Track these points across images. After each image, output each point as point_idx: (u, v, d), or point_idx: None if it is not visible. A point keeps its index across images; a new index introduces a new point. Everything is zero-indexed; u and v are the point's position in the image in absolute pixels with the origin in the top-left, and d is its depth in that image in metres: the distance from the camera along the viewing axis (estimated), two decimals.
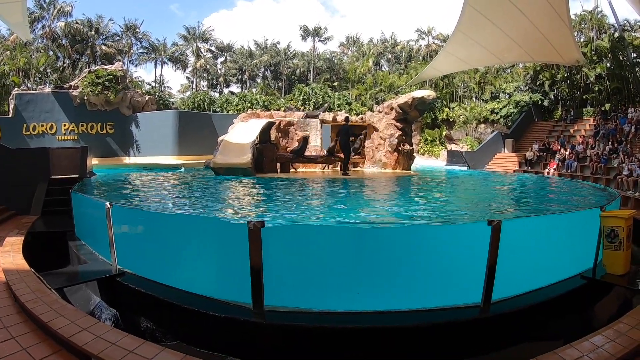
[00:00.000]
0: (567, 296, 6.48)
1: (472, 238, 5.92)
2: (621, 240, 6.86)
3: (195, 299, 5.82)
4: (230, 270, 6.01)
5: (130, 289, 6.38)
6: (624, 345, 4.47)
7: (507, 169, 33.20)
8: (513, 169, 33.07)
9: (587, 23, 44.93)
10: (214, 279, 6.26)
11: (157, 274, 6.48)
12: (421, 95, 22.45)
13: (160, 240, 6.75)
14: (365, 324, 5.30)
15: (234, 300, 5.68)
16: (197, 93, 58.10)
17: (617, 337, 4.64)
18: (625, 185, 19.76)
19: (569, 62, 37.62)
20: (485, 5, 31.77)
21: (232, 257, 5.90)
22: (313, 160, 21.19)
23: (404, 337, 5.36)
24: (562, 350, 4.31)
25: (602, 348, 4.38)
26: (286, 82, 70.39)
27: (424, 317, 5.50)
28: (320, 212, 10.10)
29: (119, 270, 6.82)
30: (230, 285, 5.91)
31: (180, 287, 6.13)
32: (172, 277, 6.32)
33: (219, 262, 6.25)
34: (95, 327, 4.77)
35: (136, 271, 6.78)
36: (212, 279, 6.27)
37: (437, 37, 67.81)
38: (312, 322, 5.31)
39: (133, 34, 65.09)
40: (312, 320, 5.37)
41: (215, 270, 6.32)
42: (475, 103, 52.09)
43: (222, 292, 5.85)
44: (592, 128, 33.57)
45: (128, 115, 36.88)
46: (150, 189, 14.39)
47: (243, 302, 5.55)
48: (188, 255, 6.45)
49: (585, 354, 4.25)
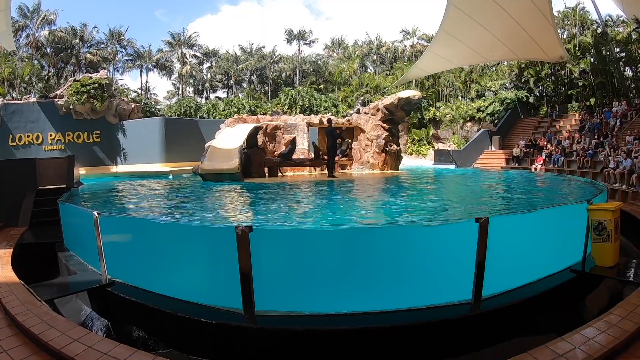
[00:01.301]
0: (557, 290, 6.53)
1: (460, 236, 5.94)
2: (609, 232, 6.93)
3: (187, 305, 5.81)
4: (220, 276, 6.00)
5: (121, 298, 6.35)
6: (615, 336, 4.50)
7: (494, 166, 33.41)
8: (500, 165, 33.29)
9: (570, 19, 45.35)
10: (204, 285, 6.25)
11: (147, 282, 6.45)
12: (407, 95, 22.52)
13: (149, 248, 6.72)
14: (357, 325, 5.29)
15: (225, 306, 5.68)
16: (183, 99, 57.90)
17: (608, 328, 4.67)
18: (612, 178, 19.91)
19: (553, 58, 37.98)
20: (469, 5, 31.97)
21: (222, 263, 5.89)
22: (300, 163, 21.19)
23: (396, 337, 5.37)
24: (554, 343, 4.34)
25: (593, 340, 4.41)
26: (272, 86, 70.30)
27: (416, 316, 5.52)
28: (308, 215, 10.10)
29: (109, 280, 6.77)
30: (220, 291, 5.91)
31: (170, 295, 6.11)
32: (163, 285, 6.30)
33: (209, 268, 6.23)
34: (87, 338, 4.75)
35: (126, 280, 6.74)
36: (202, 285, 6.26)
37: (421, 37, 68.06)
38: (304, 325, 5.32)
39: (118, 41, 64.64)
40: (304, 323, 5.38)
41: (205, 277, 6.31)
42: (461, 102, 52.27)
43: (213, 298, 5.85)
44: (577, 123, 33.83)
45: (114, 123, 36.69)
46: (139, 197, 14.32)
47: (234, 308, 5.54)
48: (177, 262, 6.43)
49: (576, 347, 4.28)
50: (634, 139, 22.73)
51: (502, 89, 48.17)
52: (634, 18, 33.54)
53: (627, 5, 33.55)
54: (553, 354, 4.14)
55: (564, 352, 4.17)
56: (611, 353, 4.30)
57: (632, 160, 19.40)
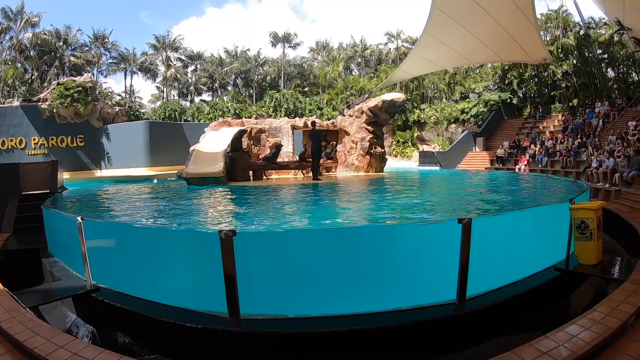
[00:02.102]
0: (542, 288, 6.58)
1: (444, 236, 5.96)
2: (592, 231, 7.02)
3: (172, 310, 5.76)
4: (205, 280, 5.97)
5: (106, 304, 6.29)
6: (599, 333, 4.53)
7: (479, 167, 33.60)
8: (485, 166, 33.48)
9: (553, 22, 45.74)
10: (189, 290, 6.21)
11: (132, 288, 6.39)
12: (391, 98, 22.59)
13: (133, 253, 6.66)
14: (343, 327, 5.29)
15: (210, 310, 5.65)
16: (167, 102, 57.71)
17: (592, 325, 4.70)
18: (595, 178, 20.13)
19: (536, 60, 38.34)
20: (453, 8, 32.21)
21: (206, 267, 5.86)
22: (285, 166, 21.17)
23: (381, 338, 5.38)
24: (538, 341, 4.36)
25: (577, 337, 4.44)
26: (257, 89, 70.18)
27: (401, 317, 5.52)
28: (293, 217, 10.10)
29: (94, 286, 6.69)
30: (205, 295, 5.87)
31: (156, 300, 6.06)
32: (148, 290, 6.24)
33: (194, 272, 6.21)
34: (72, 344, 4.71)
35: (111, 286, 6.67)
36: (187, 290, 6.22)
37: (406, 40, 68.41)
38: (289, 328, 5.31)
39: (102, 44, 64.19)
40: (290, 326, 5.37)
41: (190, 281, 6.28)
42: (445, 104, 52.57)
43: (198, 303, 5.81)
44: (560, 124, 34.13)
45: (98, 127, 36.28)
46: (123, 201, 14.22)
47: (219, 312, 5.52)
48: (162, 267, 6.38)
49: (560, 344, 4.30)
50: (617, 139, 22.95)
51: (485, 90, 48.56)
52: (616, 20, 33.90)
53: (609, 8, 33.95)
54: (537, 352, 4.16)
55: (548, 350, 4.19)
56: (595, 350, 4.33)
57: (614, 159, 19.64)
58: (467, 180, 20.71)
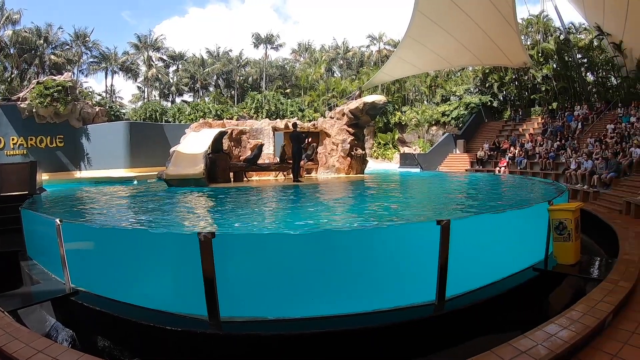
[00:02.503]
0: (521, 288, 6.65)
1: (423, 238, 6.00)
2: (570, 231, 7.12)
3: (152, 313, 5.73)
4: (185, 283, 5.94)
5: (85, 307, 6.21)
6: (578, 331, 4.57)
7: (459, 168, 33.80)
8: (465, 168, 33.71)
9: (533, 27, 46.22)
10: (169, 293, 6.17)
11: (111, 291, 6.34)
12: (372, 100, 22.61)
13: (112, 256, 6.60)
14: (323, 328, 5.30)
15: (190, 313, 5.63)
16: (148, 103, 57.29)
17: (570, 324, 4.74)
18: (574, 179, 20.38)
19: (516, 64, 38.81)
20: (435, 12, 32.48)
21: (186, 270, 5.83)
22: (266, 168, 21.06)
23: (361, 339, 5.39)
24: (517, 340, 4.38)
25: (555, 336, 4.47)
26: (239, 90, 69.87)
27: (381, 318, 5.55)
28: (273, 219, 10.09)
29: (73, 289, 6.59)
30: (185, 297, 5.85)
31: (135, 303, 6.01)
32: (127, 293, 6.19)
33: (173, 275, 6.17)
34: (51, 349, 4.64)
35: (90, 289, 6.59)
36: (167, 292, 6.18)
37: (388, 42, 68.60)
38: (270, 330, 5.30)
39: (83, 43, 63.17)
40: (270, 328, 5.37)
41: (169, 284, 6.23)
42: (426, 106, 52.71)
43: (178, 305, 5.79)
44: (540, 126, 34.47)
45: (78, 127, 35.81)
46: (103, 203, 14.07)
47: (199, 315, 5.49)
48: (141, 269, 6.33)
49: (539, 343, 4.32)
50: (595, 142, 23.27)
51: (466, 93, 48.81)
52: (595, 26, 34.37)
53: (589, 13, 34.44)
54: (516, 351, 4.17)
55: (527, 349, 4.21)
56: (573, 348, 4.36)
57: (593, 161, 19.89)
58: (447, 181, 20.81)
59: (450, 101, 49.97)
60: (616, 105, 30.96)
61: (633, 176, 17.45)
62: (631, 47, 32.56)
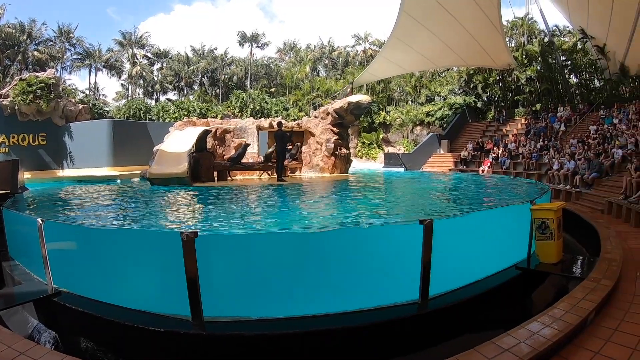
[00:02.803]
0: (504, 287, 6.69)
1: (406, 237, 6.02)
2: (552, 231, 7.19)
3: (135, 314, 5.67)
4: (168, 283, 5.90)
5: (68, 308, 6.13)
6: (560, 329, 4.60)
7: (443, 168, 33.88)
8: (449, 168, 33.79)
9: (518, 29, 46.61)
10: (152, 293, 6.11)
11: (94, 291, 6.27)
12: (356, 99, 22.63)
13: (95, 255, 6.52)
14: (307, 328, 5.30)
15: (174, 314, 5.59)
16: (132, 101, 56.68)
17: (552, 322, 4.77)
18: (556, 179, 20.54)
19: (501, 65, 39.14)
20: (421, 12, 32.63)
21: (169, 270, 5.79)
22: (250, 167, 20.99)
23: (345, 338, 5.39)
24: (500, 338, 4.39)
25: (538, 334, 4.49)
26: (223, 88, 69.61)
27: (364, 318, 5.55)
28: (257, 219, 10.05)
29: (55, 290, 6.50)
30: (168, 298, 5.82)
31: (118, 304, 5.95)
32: (110, 294, 6.13)
33: (156, 275, 6.11)
34: (34, 351, 4.58)
35: (73, 290, 6.50)
36: (150, 293, 6.12)
37: (373, 42, 68.86)
38: (253, 330, 5.28)
39: (67, 39, 62.54)
40: (253, 328, 5.34)
41: (152, 284, 6.17)
42: (411, 106, 52.88)
43: (161, 306, 5.74)
44: (523, 127, 34.71)
45: (61, 125, 35.38)
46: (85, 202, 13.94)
47: (182, 315, 5.46)
48: (123, 270, 6.27)
49: (522, 341, 4.34)
50: (578, 142, 23.50)
51: (451, 94, 49.04)
52: (579, 29, 34.73)
53: (573, 17, 34.81)
54: (499, 349, 4.18)
55: (510, 347, 4.22)
56: (556, 346, 4.39)
57: (575, 162, 20.09)
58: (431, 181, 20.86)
59: (434, 101, 50.21)
60: (599, 107, 31.28)
61: (615, 176, 17.63)
62: (614, 50, 32.92)
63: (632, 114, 24.70)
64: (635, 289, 6.26)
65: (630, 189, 13.86)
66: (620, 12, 28.41)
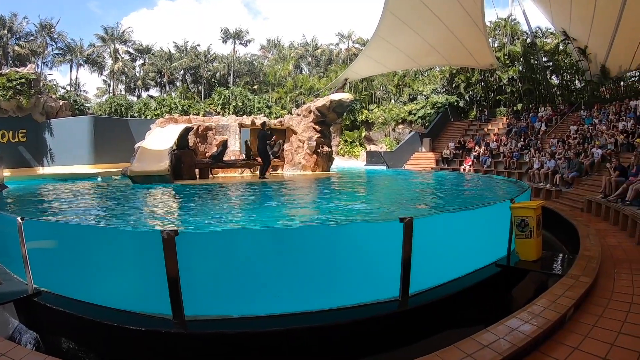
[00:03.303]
0: (484, 284, 6.74)
1: (387, 235, 6.04)
2: (531, 229, 7.29)
3: (117, 314, 5.62)
4: (149, 282, 5.85)
5: (49, 308, 6.04)
6: (539, 325, 4.64)
7: (425, 166, 34.03)
8: (431, 166, 33.93)
9: (501, 30, 46.88)
10: (133, 292, 6.06)
11: (75, 291, 6.19)
12: (339, 98, 22.70)
13: (75, 254, 6.44)
14: (287, 325, 5.30)
15: (155, 312, 5.56)
16: (114, 97, 56.15)
17: (532, 318, 4.81)
18: (537, 178, 20.71)
19: (483, 66, 39.45)
20: (404, 12, 32.76)
21: (149, 268, 5.74)
22: (232, 165, 20.94)
23: (326, 336, 5.40)
24: (479, 335, 4.42)
25: (517, 330, 4.52)
26: (206, 85, 69.18)
27: (345, 315, 5.57)
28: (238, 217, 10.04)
29: (36, 290, 6.40)
30: (150, 297, 5.77)
31: (100, 303, 5.89)
32: (91, 293, 6.07)
33: (137, 273, 6.07)
34: (15, 352, 4.52)
35: (54, 289, 6.41)
36: (131, 291, 6.07)
37: (357, 41, 68.98)
38: (235, 328, 5.27)
39: (48, 34, 61.48)
40: (235, 326, 5.33)
41: (133, 283, 6.12)
42: (393, 105, 53.00)
43: (142, 305, 5.70)
44: (505, 126, 34.98)
45: (41, 121, 34.79)
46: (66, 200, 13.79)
47: (164, 314, 5.42)
48: (104, 268, 6.19)
49: (501, 337, 4.37)
50: (558, 142, 23.72)
51: (433, 93, 49.18)
52: (562, 30, 35.04)
53: (556, 18, 35.11)
54: (479, 345, 4.21)
55: (489, 343, 4.25)
56: (535, 342, 4.42)
57: (555, 161, 20.27)
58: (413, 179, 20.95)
59: (417, 100, 50.31)
60: (579, 108, 31.65)
61: (594, 176, 17.81)
62: (595, 52, 33.29)
63: (612, 114, 24.98)
64: (614, 285, 6.33)
65: (609, 188, 14.02)
66: (602, 15, 28.75)
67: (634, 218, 10.44)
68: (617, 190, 13.41)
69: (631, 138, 19.59)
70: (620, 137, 19.87)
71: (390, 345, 5.66)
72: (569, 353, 4.35)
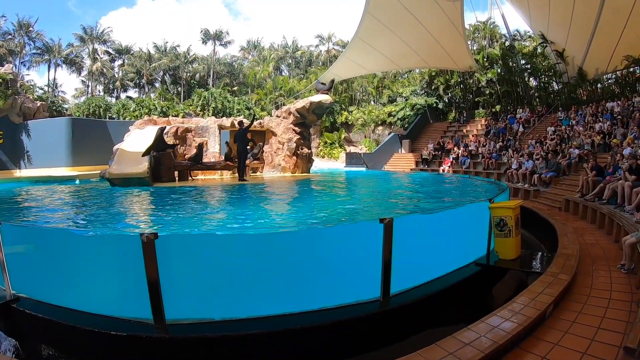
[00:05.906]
0: (464, 283, 6.78)
1: (367, 236, 6.07)
2: (510, 228, 7.39)
3: (97, 319, 5.55)
4: (129, 286, 5.81)
5: (27, 314, 5.97)
6: (519, 322, 4.69)
7: (404, 168, 34.15)
8: (410, 167, 34.06)
9: (480, 32, 47.34)
10: (113, 297, 6.01)
11: (54, 297, 6.11)
12: (318, 99, 22.73)
13: (54, 259, 6.37)
14: (269, 328, 5.30)
15: (136, 317, 5.50)
16: (92, 98, 55.45)
17: (511, 315, 4.87)
18: (515, 178, 20.94)
19: (462, 68, 39.75)
20: (385, 14, 32.88)
21: (129, 272, 5.70)
22: (211, 167, 20.79)
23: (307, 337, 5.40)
24: (461, 333, 4.45)
25: (498, 327, 4.57)
26: (185, 86, 68.75)
27: (326, 316, 5.58)
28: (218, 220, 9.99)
29: (14, 296, 6.31)
30: (130, 301, 5.73)
31: (79, 309, 5.83)
32: (71, 298, 6.00)
33: (117, 278, 6.03)
34: None
35: (33, 295, 6.33)
36: (111, 296, 6.02)
37: (337, 43, 69.13)
38: (216, 332, 5.24)
39: (26, 33, 60.38)
40: (216, 329, 5.30)
41: (113, 287, 6.08)
42: (373, 106, 53.11)
43: (123, 310, 5.65)
44: (483, 128, 35.22)
45: (18, 123, 34.26)
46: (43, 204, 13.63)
47: (144, 318, 5.38)
48: (83, 273, 6.12)
49: (482, 335, 4.41)
50: (536, 143, 23.96)
51: (413, 95, 49.33)
52: (540, 34, 35.37)
53: (534, 22, 35.50)
54: (460, 344, 4.24)
55: (470, 341, 4.28)
56: (516, 339, 4.47)
57: (533, 161, 20.51)
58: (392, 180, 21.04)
59: (396, 102, 50.45)
60: (557, 109, 31.96)
61: (572, 175, 18.04)
62: (573, 55, 33.66)
63: (588, 116, 25.27)
64: (592, 282, 6.42)
65: (587, 187, 14.20)
66: (580, 19, 29.11)
67: (611, 216, 10.58)
68: (594, 190, 13.59)
69: (607, 139, 19.87)
70: (597, 138, 20.13)
71: (372, 346, 5.68)
72: (549, 349, 4.40)
